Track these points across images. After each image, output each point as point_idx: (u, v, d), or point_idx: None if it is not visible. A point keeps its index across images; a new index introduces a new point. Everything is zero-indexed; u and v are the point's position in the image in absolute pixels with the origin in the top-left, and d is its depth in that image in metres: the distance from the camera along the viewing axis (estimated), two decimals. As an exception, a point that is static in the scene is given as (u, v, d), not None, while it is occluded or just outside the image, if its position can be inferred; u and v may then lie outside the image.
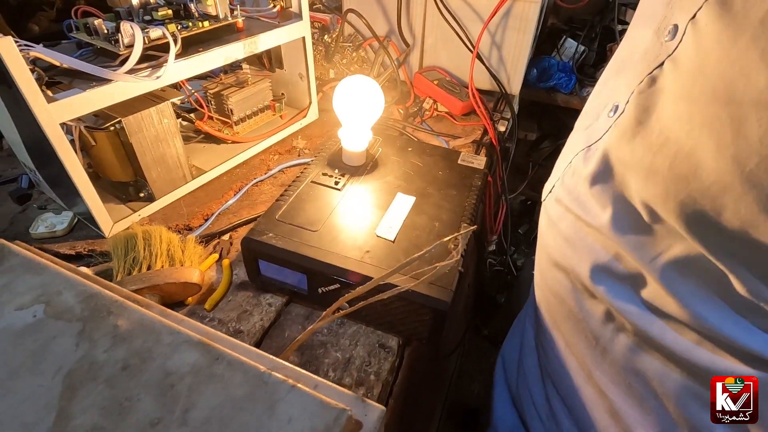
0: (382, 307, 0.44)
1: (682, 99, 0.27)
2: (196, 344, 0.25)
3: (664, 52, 0.29)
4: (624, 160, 0.32)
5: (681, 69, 0.27)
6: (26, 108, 0.43)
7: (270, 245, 0.45)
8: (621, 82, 0.35)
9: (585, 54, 1.12)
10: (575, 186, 0.38)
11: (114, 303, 0.27)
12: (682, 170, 0.27)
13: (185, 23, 0.57)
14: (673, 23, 0.28)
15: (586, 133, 0.38)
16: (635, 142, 0.30)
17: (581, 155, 0.38)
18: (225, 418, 0.22)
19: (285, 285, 0.48)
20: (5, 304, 0.26)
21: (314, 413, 0.23)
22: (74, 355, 0.24)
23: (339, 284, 0.44)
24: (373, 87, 0.52)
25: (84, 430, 0.21)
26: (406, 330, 0.46)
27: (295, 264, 0.45)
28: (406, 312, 0.44)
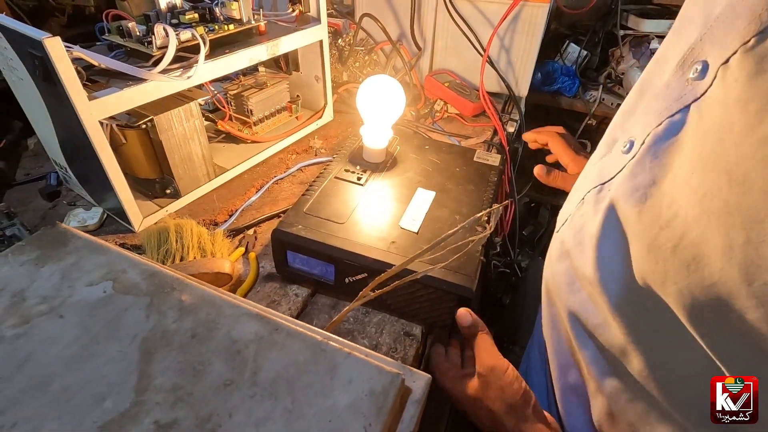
0: (407, 295, 0.46)
1: (699, 168, 0.22)
2: (255, 316, 0.27)
3: (690, 93, 0.24)
4: (630, 223, 0.27)
5: (706, 124, 0.23)
6: (68, 105, 0.45)
7: (299, 236, 0.47)
8: (640, 111, 0.31)
9: (588, 58, 1.15)
10: (584, 230, 0.34)
11: (176, 280, 0.29)
12: (684, 257, 0.23)
13: (211, 26, 0.60)
14: (702, 59, 0.24)
15: (601, 165, 0.35)
16: (645, 207, 0.26)
17: (593, 194, 0.34)
18: (291, 379, 0.24)
19: (312, 276, 0.50)
20: (76, 280, 0.28)
21: (371, 376, 0.25)
22: (146, 324, 0.26)
23: (366, 273, 0.46)
24: (395, 86, 0.55)
25: (165, 388, 0.23)
26: (430, 318, 0.48)
27: (324, 254, 0.47)
28: (431, 300, 0.46)
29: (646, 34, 1.15)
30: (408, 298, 0.46)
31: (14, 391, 0.22)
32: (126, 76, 0.50)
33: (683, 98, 0.25)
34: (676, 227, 0.23)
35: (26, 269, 0.28)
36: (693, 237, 0.22)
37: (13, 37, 0.46)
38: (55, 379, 0.23)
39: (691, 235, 0.22)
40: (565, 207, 0.42)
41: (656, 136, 0.26)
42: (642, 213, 0.26)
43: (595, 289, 0.31)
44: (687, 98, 0.24)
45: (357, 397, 0.23)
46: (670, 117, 0.25)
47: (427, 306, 0.46)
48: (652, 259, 0.25)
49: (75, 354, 0.24)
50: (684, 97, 0.25)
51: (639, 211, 0.26)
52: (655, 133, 0.26)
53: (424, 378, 0.27)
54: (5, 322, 0.25)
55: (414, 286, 0.44)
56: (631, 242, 0.27)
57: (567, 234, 0.37)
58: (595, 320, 0.32)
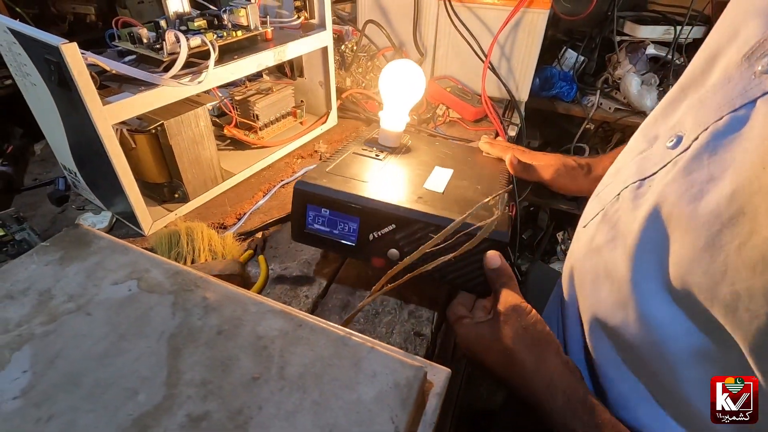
0: (438, 254, 0.43)
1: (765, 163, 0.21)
2: (279, 313, 0.28)
3: (758, 87, 0.24)
4: (682, 220, 0.26)
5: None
6: (83, 110, 0.46)
7: (324, 187, 0.45)
8: (689, 106, 0.30)
9: (585, 64, 1.17)
10: (619, 226, 0.33)
11: (199, 278, 0.29)
12: (752, 257, 0.21)
13: (220, 33, 0.61)
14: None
15: (639, 160, 0.34)
16: (701, 204, 0.24)
17: (631, 190, 0.33)
18: (317, 373, 0.25)
19: (331, 238, 0.47)
20: (101, 279, 0.29)
21: (395, 370, 0.25)
22: (173, 321, 0.26)
23: (395, 224, 0.44)
24: (417, 71, 0.57)
25: (195, 383, 0.23)
26: (462, 275, 0.45)
27: (348, 206, 0.44)
28: (463, 254, 0.43)
29: (641, 40, 1.17)
30: (438, 253, 0.43)
31: (48, 385, 0.23)
32: (138, 81, 0.51)
33: (748, 92, 0.24)
34: (743, 224, 0.22)
35: (51, 269, 0.29)
36: (765, 235, 0.21)
37: (28, 43, 0.46)
38: (88, 374, 0.23)
39: (763, 233, 0.21)
40: (592, 203, 0.41)
41: (715, 132, 0.25)
42: (698, 210, 0.25)
43: (625, 288, 0.30)
44: (753, 92, 0.24)
45: (382, 389, 0.24)
46: (733, 112, 0.24)
47: (458, 262, 0.43)
48: (707, 258, 0.24)
49: (105, 350, 0.25)
50: (750, 91, 0.24)
51: (694, 208, 0.25)
52: (714, 128, 0.25)
53: (444, 372, 0.28)
54: (34, 320, 0.26)
55: (446, 242, 0.41)
56: (679, 241, 0.26)
57: (599, 230, 0.36)
58: (615, 320, 0.32)
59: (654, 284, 0.28)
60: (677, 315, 0.27)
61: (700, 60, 0.32)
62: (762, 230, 0.21)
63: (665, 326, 0.28)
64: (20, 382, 0.23)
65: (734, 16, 0.30)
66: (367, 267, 0.56)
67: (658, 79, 1.15)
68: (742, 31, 0.27)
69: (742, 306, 0.22)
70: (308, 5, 0.71)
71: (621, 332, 0.32)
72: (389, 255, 0.41)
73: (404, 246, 0.41)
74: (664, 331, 0.28)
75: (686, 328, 0.27)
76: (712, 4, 1.11)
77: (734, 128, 0.24)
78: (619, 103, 1.20)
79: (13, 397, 0.22)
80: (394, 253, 0.40)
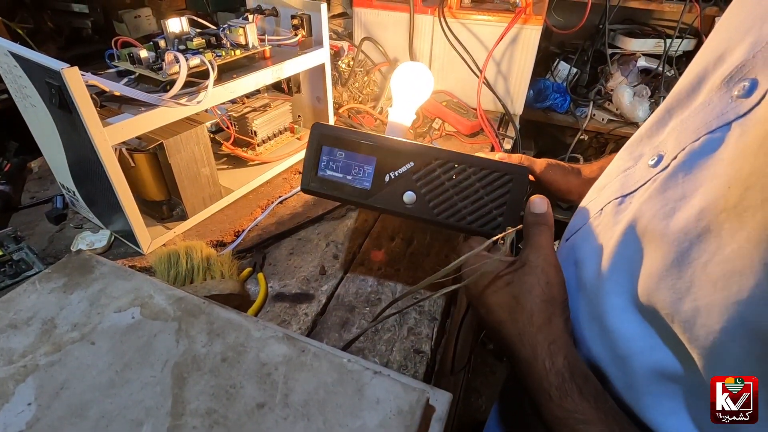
0: (454, 190, 0.43)
1: (739, 184, 0.22)
2: (282, 338, 0.28)
3: (733, 111, 0.24)
4: (656, 236, 0.27)
5: (748, 141, 0.23)
6: (83, 131, 0.46)
7: (340, 128, 0.45)
8: (672, 128, 0.31)
9: (578, 76, 1.19)
10: (599, 240, 0.34)
11: (202, 304, 0.30)
12: (715, 273, 0.22)
13: (219, 52, 0.61)
14: (752, 77, 0.24)
15: (623, 177, 0.35)
16: (672, 221, 0.26)
17: (614, 205, 0.34)
18: (321, 400, 0.25)
19: (345, 182, 0.45)
20: (105, 306, 0.29)
21: (398, 395, 0.26)
22: (177, 349, 0.27)
23: (413, 162, 0.42)
24: (427, 73, 0.59)
25: (200, 412, 0.24)
26: (479, 213, 0.43)
27: (365, 145, 0.43)
28: (482, 190, 0.42)
29: (633, 53, 1.20)
30: (457, 195, 0.43)
31: (53, 418, 0.23)
32: (138, 101, 0.51)
33: (725, 115, 0.25)
34: (710, 242, 0.23)
35: (55, 296, 0.29)
36: (727, 254, 0.22)
37: (29, 66, 0.47)
38: (93, 405, 0.23)
39: (725, 251, 0.22)
40: (576, 217, 0.41)
41: (692, 152, 0.26)
42: (670, 226, 0.26)
43: (596, 301, 0.31)
44: (729, 115, 0.25)
45: (386, 416, 0.24)
46: (710, 133, 0.25)
47: (478, 198, 0.42)
48: (674, 274, 0.24)
49: (109, 380, 0.25)
50: (726, 114, 0.25)
51: (666, 224, 0.26)
52: (691, 149, 0.26)
53: (446, 396, 0.28)
54: (38, 350, 0.26)
55: (464, 174, 0.41)
56: (651, 256, 0.27)
57: (581, 245, 0.37)
58: (590, 333, 0.32)
59: (623, 299, 0.29)
60: (643, 330, 0.28)
61: (687, 82, 0.32)
62: (725, 248, 0.22)
63: (631, 341, 0.29)
64: (25, 415, 0.23)
65: (722, 39, 0.31)
66: (365, 280, 0.56)
67: (649, 91, 1.17)
68: (728, 57, 0.28)
69: (699, 322, 0.23)
70: (305, 24, 0.72)
71: (591, 346, 0.32)
72: (405, 198, 0.41)
73: (422, 187, 0.40)
74: (630, 345, 0.29)
75: (650, 344, 0.28)
76: (701, 18, 1.13)
77: (710, 149, 0.25)
78: (611, 114, 1.22)
79: (18, 431, 0.22)
80: (410, 196, 0.40)
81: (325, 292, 0.55)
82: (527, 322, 0.33)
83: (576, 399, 0.28)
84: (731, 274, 0.21)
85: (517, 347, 0.32)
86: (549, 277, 0.34)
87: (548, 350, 0.31)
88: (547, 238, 0.37)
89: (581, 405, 0.28)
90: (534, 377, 0.31)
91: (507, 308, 0.34)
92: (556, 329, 0.32)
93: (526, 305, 0.33)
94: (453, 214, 0.42)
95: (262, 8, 0.74)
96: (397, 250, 0.62)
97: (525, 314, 0.33)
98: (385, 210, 0.42)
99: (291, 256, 0.60)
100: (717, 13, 1.13)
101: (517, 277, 0.35)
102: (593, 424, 0.27)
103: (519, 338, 0.32)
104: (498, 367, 1.47)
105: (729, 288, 0.21)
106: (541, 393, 0.30)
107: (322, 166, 0.45)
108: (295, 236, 0.64)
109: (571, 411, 0.28)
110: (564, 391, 0.29)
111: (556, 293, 0.34)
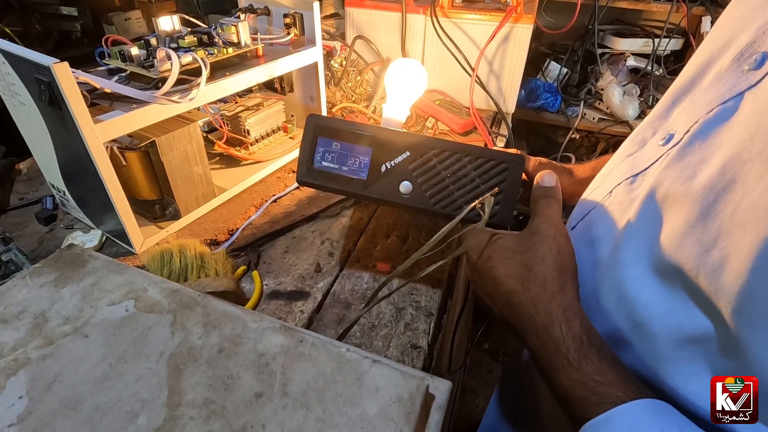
0: (450, 180, 0.43)
1: (760, 134, 0.23)
2: (279, 329, 0.28)
3: (745, 82, 0.26)
4: (679, 198, 0.27)
5: (764, 101, 0.24)
6: (73, 128, 0.45)
7: (336, 119, 0.45)
8: (681, 109, 0.32)
9: (569, 75, 1.20)
10: (612, 218, 0.35)
11: (198, 296, 0.29)
12: (743, 218, 0.23)
13: (211, 50, 0.61)
14: (763, 51, 0.25)
15: (631, 161, 0.36)
16: (695, 181, 0.26)
17: (625, 185, 0.35)
18: (320, 389, 0.25)
19: (341, 174, 0.45)
20: (98, 300, 0.28)
21: (397, 383, 0.25)
22: (172, 341, 0.26)
23: (409, 151, 0.43)
24: (421, 70, 0.59)
25: (197, 403, 0.23)
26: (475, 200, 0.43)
27: (362, 136, 0.43)
28: (478, 178, 0.42)
29: (622, 52, 1.21)
30: (450, 182, 0.43)
31: (45, 411, 0.22)
32: (129, 99, 0.51)
33: (736, 87, 0.26)
34: (736, 192, 0.23)
35: (46, 291, 0.29)
36: (754, 196, 0.22)
37: (17, 63, 0.46)
38: (86, 398, 0.23)
39: (752, 195, 0.22)
40: (580, 205, 0.42)
41: (706, 121, 0.27)
42: (692, 186, 0.26)
43: (614, 273, 0.32)
44: (741, 86, 0.26)
45: (385, 404, 0.24)
46: (722, 104, 0.26)
47: (472, 187, 0.43)
48: (700, 228, 0.25)
49: (103, 373, 0.24)
50: (738, 86, 0.26)
51: (689, 185, 0.26)
52: (705, 119, 0.27)
53: (446, 384, 0.28)
54: (29, 344, 0.25)
55: (460, 163, 0.42)
56: (673, 217, 0.27)
57: (591, 227, 0.37)
58: (607, 304, 0.33)
59: (641, 267, 0.29)
60: (663, 294, 0.28)
61: (690, 72, 0.33)
62: (752, 192, 0.22)
63: (650, 306, 0.29)
64: (16, 408, 0.22)
65: (725, 30, 0.32)
66: (360, 276, 0.56)
67: (639, 90, 1.18)
68: (734, 43, 0.29)
69: (728, 267, 0.23)
70: (298, 22, 0.72)
71: (609, 317, 0.32)
72: (401, 189, 0.41)
73: (418, 177, 0.40)
74: (650, 310, 0.29)
75: (670, 307, 0.28)
76: (687, 18, 1.15)
77: (724, 117, 0.26)
78: (602, 113, 1.23)
79: (9, 425, 0.21)
80: (407, 186, 0.40)
81: (320, 290, 0.55)
82: (540, 290, 0.32)
83: (595, 361, 0.28)
84: (761, 213, 0.22)
85: (531, 315, 0.32)
86: (560, 246, 0.34)
87: (564, 316, 0.31)
88: (557, 210, 0.37)
89: (600, 367, 0.28)
90: (551, 343, 0.30)
91: (518, 278, 0.34)
92: (569, 296, 0.32)
93: (538, 274, 0.33)
94: (450, 203, 0.42)
95: (254, 7, 0.74)
96: (392, 247, 0.61)
97: (538, 282, 0.33)
98: (382, 200, 0.42)
99: (286, 254, 0.60)
100: (704, 12, 1.15)
101: (527, 247, 0.35)
102: (613, 384, 0.27)
103: (533, 306, 0.32)
104: (494, 367, 1.47)
105: (759, 227, 0.22)
106: (558, 358, 0.30)
107: (317, 158, 0.45)
108: (289, 234, 0.63)
109: (591, 373, 0.28)
110: (583, 353, 0.29)
111: (567, 262, 0.34)
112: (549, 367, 0.30)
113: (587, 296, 0.35)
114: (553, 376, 0.30)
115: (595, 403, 0.27)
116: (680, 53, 1.28)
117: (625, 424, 0.26)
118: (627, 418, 0.26)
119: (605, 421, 0.26)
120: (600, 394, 0.27)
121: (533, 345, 0.32)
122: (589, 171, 0.52)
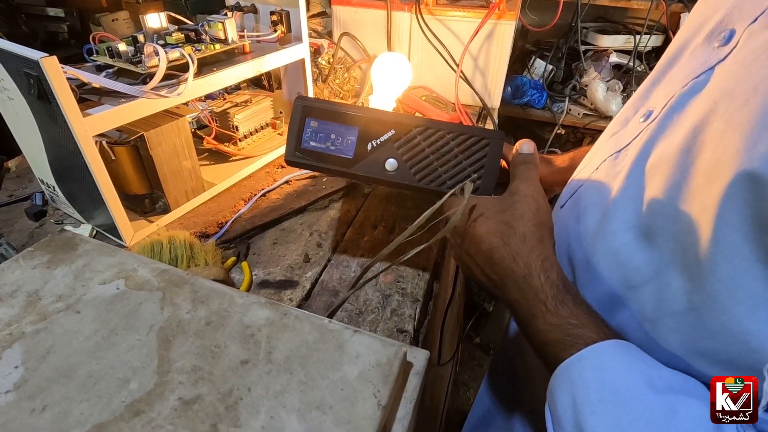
0: (434, 156, 0.44)
1: (727, 94, 0.25)
2: (265, 304, 0.29)
3: (715, 57, 0.27)
4: (663, 160, 0.29)
5: (731, 68, 0.26)
6: (63, 123, 0.46)
7: (323, 101, 0.46)
8: (658, 89, 0.34)
9: (553, 72, 1.22)
10: (599, 192, 0.37)
11: (186, 275, 0.30)
12: (712, 173, 0.25)
13: (198, 46, 0.62)
14: (730, 28, 0.27)
15: (614, 139, 0.38)
16: (671, 144, 0.29)
17: (609, 161, 0.37)
18: (303, 356, 0.26)
19: (328, 152, 0.46)
20: (89, 279, 0.29)
21: (376, 350, 0.27)
22: (161, 315, 0.27)
23: (394, 129, 0.44)
24: (405, 63, 0.60)
25: (186, 370, 0.24)
26: (459, 177, 0.44)
27: (349, 115, 0.44)
28: (461, 155, 0.44)
29: (605, 49, 1.24)
30: (434, 159, 0.44)
31: (40, 379, 0.23)
32: (118, 94, 0.52)
33: (707, 62, 0.28)
34: (705, 151, 0.25)
35: (39, 272, 0.30)
36: (719, 152, 0.24)
37: (6, 58, 0.47)
38: (80, 367, 0.24)
39: (717, 151, 0.24)
40: (570, 185, 0.44)
41: (680, 95, 0.29)
42: (670, 151, 0.28)
43: (605, 240, 0.33)
44: (711, 61, 0.28)
45: (365, 368, 0.26)
46: (695, 78, 0.28)
47: (455, 163, 0.44)
48: (679, 189, 0.27)
49: (96, 344, 0.25)
50: (708, 61, 0.28)
51: (668, 152, 0.28)
52: (680, 93, 0.29)
53: (424, 353, 0.30)
54: (24, 320, 0.26)
55: (443, 140, 0.43)
56: (656, 180, 0.29)
57: (579, 202, 0.39)
58: (605, 269, 0.34)
59: (631, 234, 0.31)
60: (650, 257, 0.30)
61: (668, 55, 0.36)
62: (717, 149, 0.24)
63: (640, 270, 0.31)
64: (12, 377, 0.23)
65: (700, 14, 0.34)
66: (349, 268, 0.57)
67: (621, 85, 1.21)
68: (708, 24, 0.31)
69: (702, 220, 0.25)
70: (284, 19, 0.74)
71: (606, 281, 0.34)
72: (387, 166, 0.42)
73: (403, 154, 0.42)
74: (641, 274, 0.31)
75: (657, 269, 0.30)
76: (667, 15, 1.18)
77: (696, 90, 0.28)
78: (587, 108, 1.26)
79: (5, 391, 0.23)
80: (392, 163, 0.42)
81: (309, 279, 0.56)
82: (520, 244, 0.35)
83: (570, 306, 0.30)
84: (724, 164, 0.24)
85: (512, 267, 0.34)
86: (538, 203, 0.37)
87: (542, 266, 0.33)
88: (534, 173, 0.40)
89: (575, 310, 0.30)
90: (530, 291, 0.32)
91: (498, 234, 0.36)
92: (547, 249, 0.35)
93: (518, 229, 0.35)
94: (434, 179, 0.44)
95: (241, 5, 0.75)
96: (380, 238, 0.63)
97: (518, 236, 0.35)
98: (368, 178, 0.43)
99: (275, 246, 0.61)
100: (682, 9, 1.18)
101: (507, 206, 0.37)
102: (586, 326, 0.29)
103: (513, 259, 0.34)
104: (485, 361, 1.49)
105: (722, 178, 0.23)
106: (537, 305, 0.32)
107: (305, 138, 0.46)
108: (278, 227, 0.65)
109: (566, 316, 0.30)
110: (559, 300, 0.31)
111: (545, 218, 0.36)
112: (528, 314, 0.32)
113: (579, 265, 0.37)
114: (532, 323, 0.32)
115: (569, 344, 0.29)
116: (661, 49, 1.31)
117: (595, 361, 0.28)
118: (597, 356, 0.28)
119: (578, 359, 0.28)
120: (574, 336, 0.29)
121: (513, 296, 0.34)
122: (568, 161, 0.54)
